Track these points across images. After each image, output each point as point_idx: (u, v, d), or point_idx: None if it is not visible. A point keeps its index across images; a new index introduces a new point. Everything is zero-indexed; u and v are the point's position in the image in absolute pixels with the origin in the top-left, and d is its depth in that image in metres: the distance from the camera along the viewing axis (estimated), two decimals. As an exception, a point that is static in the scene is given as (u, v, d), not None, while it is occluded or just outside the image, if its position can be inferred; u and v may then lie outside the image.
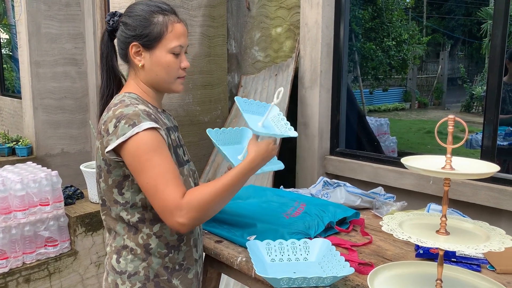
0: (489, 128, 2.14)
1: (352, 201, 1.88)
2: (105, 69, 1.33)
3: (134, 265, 1.24)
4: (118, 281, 1.25)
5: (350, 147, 2.93)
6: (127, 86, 1.31)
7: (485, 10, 10.61)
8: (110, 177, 1.22)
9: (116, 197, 1.23)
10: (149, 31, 1.24)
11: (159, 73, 1.27)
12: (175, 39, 1.26)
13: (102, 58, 1.33)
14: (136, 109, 1.17)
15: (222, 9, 3.15)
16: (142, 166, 1.14)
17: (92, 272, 2.73)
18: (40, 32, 4.36)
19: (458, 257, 1.35)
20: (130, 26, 1.26)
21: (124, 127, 1.15)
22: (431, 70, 15.10)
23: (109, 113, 1.20)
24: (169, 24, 1.26)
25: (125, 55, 1.29)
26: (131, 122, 1.15)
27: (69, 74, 4.60)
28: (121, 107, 1.19)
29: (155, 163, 1.14)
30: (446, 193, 1.04)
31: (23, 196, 2.40)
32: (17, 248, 2.42)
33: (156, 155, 1.15)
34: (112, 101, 1.27)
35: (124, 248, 1.25)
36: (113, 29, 1.30)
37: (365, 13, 8.10)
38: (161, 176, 1.14)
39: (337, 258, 1.31)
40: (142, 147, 1.14)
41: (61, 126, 4.56)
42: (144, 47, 1.26)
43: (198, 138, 3.08)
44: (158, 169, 1.14)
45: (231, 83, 3.42)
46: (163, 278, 1.26)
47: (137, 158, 1.14)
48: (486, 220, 1.29)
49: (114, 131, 1.16)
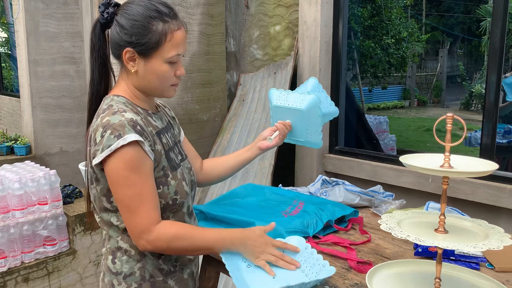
0: (488, 126, 2.14)
1: (351, 200, 1.87)
2: (97, 64, 1.24)
3: (129, 266, 1.23)
4: (114, 282, 1.24)
5: (349, 145, 2.92)
6: (117, 87, 1.26)
7: (484, 8, 10.60)
8: (98, 185, 1.20)
9: (105, 205, 1.22)
10: (147, 40, 1.17)
11: (152, 81, 1.22)
12: (174, 48, 1.20)
13: (94, 51, 1.24)
14: (122, 119, 1.13)
15: (220, 7, 3.14)
16: (119, 182, 1.13)
17: (91, 271, 2.73)
18: (38, 30, 4.34)
19: (457, 255, 1.35)
20: (126, 30, 1.18)
21: (109, 138, 1.11)
22: (430, 68, 15.10)
23: (97, 121, 1.17)
24: (169, 33, 1.19)
25: (118, 56, 1.23)
26: (116, 134, 1.11)
27: (67, 73, 4.58)
28: (108, 115, 1.15)
29: (131, 182, 1.13)
30: (444, 192, 1.03)
31: (21, 195, 2.40)
32: (15, 247, 2.41)
33: (134, 174, 1.13)
34: (101, 105, 1.23)
35: (119, 250, 1.24)
36: (107, 22, 1.22)
37: (364, 11, 8.09)
38: (135, 198, 1.14)
39: (314, 257, 1.26)
40: (122, 164, 1.12)
41: (59, 125, 4.55)
42: (139, 54, 1.19)
43: (197, 136, 3.08)
44: (133, 190, 1.13)
45: (230, 82, 3.41)
46: (159, 279, 1.25)
47: (115, 173, 1.13)
48: (485, 218, 1.29)
49: (100, 141, 1.13)
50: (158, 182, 1.20)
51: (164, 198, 1.22)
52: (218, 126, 3.20)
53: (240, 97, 3.24)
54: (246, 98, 3.19)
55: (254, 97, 3.13)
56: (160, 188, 1.21)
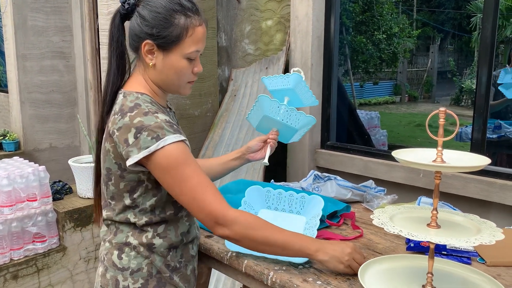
0: (479, 121, 2.15)
1: (343, 195, 1.87)
2: (115, 55, 1.22)
3: (137, 262, 1.22)
4: (119, 278, 1.22)
5: (340, 141, 2.92)
6: (135, 82, 1.24)
7: (475, 4, 10.65)
8: (122, 182, 1.19)
9: (125, 201, 1.20)
10: (168, 34, 1.15)
11: (170, 76, 1.21)
12: (194, 44, 1.18)
13: (112, 42, 1.22)
14: (158, 121, 1.12)
15: (211, 1, 3.11)
16: (176, 180, 1.13)
17: (82, 268, 2.71)
18: (27, 24, 4.28)
19: (448, 250, 1.36)
20: (147, 22, 1.16)
21: (146, 140, 1.10)
22: (421, 64, 15.16)
23: (125, 120, 1.14)
24: (190, 28, 1.17)
25: (136, 48, 1.21)
26: (154, 135, 1.10)
27: (56, 68, 4.53)
28: (139, 115, 1.13)
29: (187, 176, 1.13)
30: (437, 186, 1.03)
31: (9, 192, 2.36)
32: (4, 244, 2.38)
33: (187, 167, 1.13)
34: (123, 101, 1.19)
35: (127, 245, 1.23)
36: (127, 13, 1.20)
37: (356, 6, 8.10)
38: (198, 188, 1.13)
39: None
40: (173, 161, 1.12)
41: (49, 120, 4.50)
42: (159, 47, 1.17)
43: (188, 132, 3.06)
44: (192, 182, 1.13)
45: (222, 77, 3.39)
46: (166, 275, 1.25)
47: (169, 173, 1.13)
48: (476, 212, 1.30)
49: (135, 142, 1.11)
50: None
51: None
52: (210, 121, 3.19)
53: (231, 92, 3.22)
54: (237, 93, 3.17)
55: (246, 92, 3.12)
56: None
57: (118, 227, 1.24)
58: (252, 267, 1.29)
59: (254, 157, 1.56)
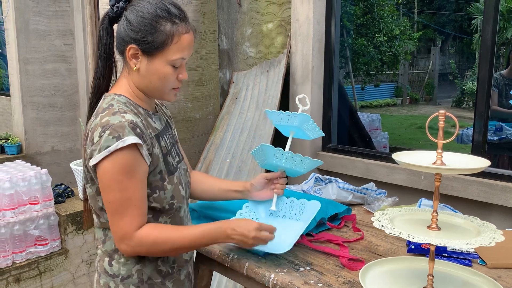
0: (480, 123, 2.15)
1: (344, 197, 1.88)
2: (102, 57, 1.23)
3: (127, 268, 1.22)
4: (111, 284, 1.22)
5: (341, 143, 2.93)
6: (118, 85, 1.25)
7: (476, 6, 10.66)
8: (94, 185, 1.19)
9: (101, 205, 1.20)
10: (152, 39, 1.15)
11: (153, 81, 1.20)
12: (179, 51, 1.18)
13: (101, 44, 1.23)
14: (122, 120, 1.11)
15: (212, 5, 3.13)
16: (111, 185, 1.12)
17: (83, 271, 2.71)
18: (29, 28, 4.30)
19: (449, 252, 1.36)
20: (133, 27, 1.16)
21: (108, 138, 1.10)
22: (422, 66, 15.16)
23: (97, 120, 1.15)
24: (176, 35, 1.16)
25: (122, 51, 1.21)
26: (116, 135, 1.09)
27: (58, 71, 4.54)
28: (108, 115, 1.13)
29: (123, 186, 1.12)
30: (437, 189, 1.04)
31: (12, 195, 2.37)
32: (6, 247, 2.39)
33: (128, 179, 1.12)
34: (100, 103, 1.21)
35: (116, 252, 1.22)
36: (116, 16, 1.20)
37: (357, 9, 8.10)
38: (124, 203, 1.13)
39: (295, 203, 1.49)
40: (116, 167, 1.10)
41: (51, 123, 4.51)
42: (143, 52, 1.17)
43: (189, 135, 3.06)
44: (124, 194, 1.12)
45: (223, 80, 3.40)
46: (157, 281, 1.24)
47: (109, 176, 1.11)
48: (476, 214, 1.30)
49: (98, 141, 1.11)
50: (154, 186, 1.19)
51: (160, 203, 1.20)
52: (211, 124, 3.19)
53: (233, 95, 3.23)
54: (239, 96, 3.18)
55: (247, 95, 3.13)
56: (156, 193, 1.19)
57: (106, 234, 1.24)
58: (253, 270, 1.29)
59: (258, 196, 1.50)
